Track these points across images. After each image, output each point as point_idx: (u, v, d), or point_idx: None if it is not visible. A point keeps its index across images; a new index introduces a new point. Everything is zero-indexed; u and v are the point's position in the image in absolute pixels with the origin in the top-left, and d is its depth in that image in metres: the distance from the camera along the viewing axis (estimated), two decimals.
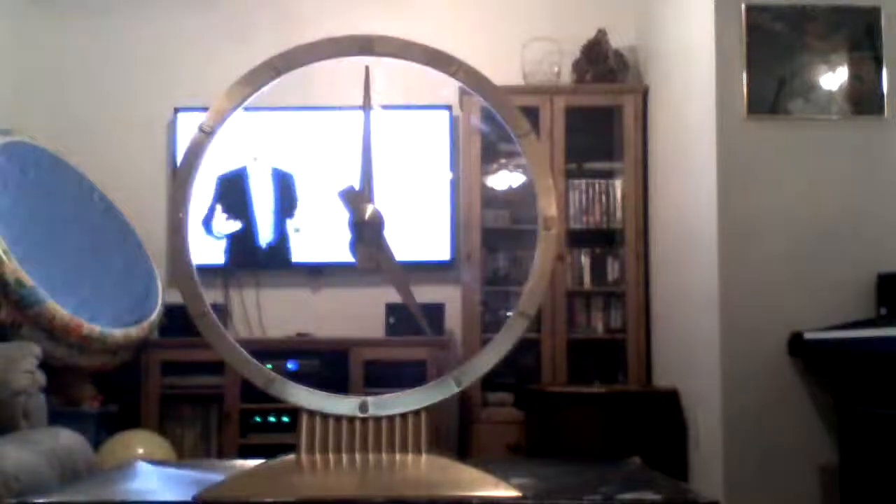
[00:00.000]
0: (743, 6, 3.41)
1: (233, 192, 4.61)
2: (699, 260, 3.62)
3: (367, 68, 1.81)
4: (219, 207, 4.59)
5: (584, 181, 4.52)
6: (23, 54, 4.78)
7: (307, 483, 1.67)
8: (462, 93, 4.47)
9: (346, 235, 1.80)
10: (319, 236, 4.57)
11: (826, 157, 3.40)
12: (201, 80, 4.27)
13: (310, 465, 1.68)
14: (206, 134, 1.75)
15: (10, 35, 4.72)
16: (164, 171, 4.69)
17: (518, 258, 4.55)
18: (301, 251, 4.63)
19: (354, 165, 1.85)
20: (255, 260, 4.66)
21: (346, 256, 1.81)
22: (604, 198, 4.52)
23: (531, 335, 4.26)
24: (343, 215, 1.82)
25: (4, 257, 3.44)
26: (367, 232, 1.76)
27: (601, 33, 4.54)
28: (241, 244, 4.63)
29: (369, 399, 1.73)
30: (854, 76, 3.40)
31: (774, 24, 3.40)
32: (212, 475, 1.72)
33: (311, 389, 1.74)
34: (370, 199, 1.79)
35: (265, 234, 4.65)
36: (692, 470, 3.68)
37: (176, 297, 1.99)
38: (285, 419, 4.14)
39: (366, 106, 1.85)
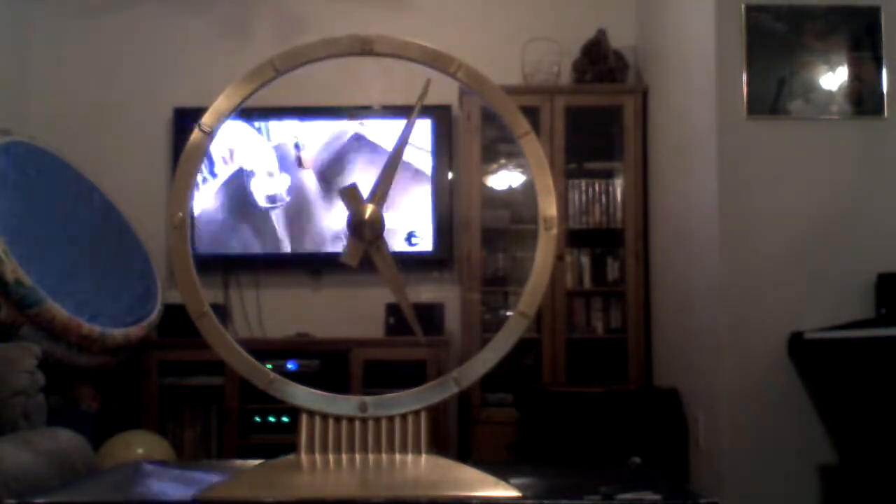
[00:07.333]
0: (743, 6, 3.41)
1: None
2: (699, 260, 3.62)
3: (427, 81, 1.78)
4: None
5: (584, 181, 4.52)
6: (23, 54, 4.78)
7: (307, 483, 1.67)
8: (462, 92, 4.47)
9: (346, 234, 1.80)
10: (320, 236, 4.58)
11: (826, 157, 3.40)
12: (201, 80, 4.27)
13: (310, 466, 1.68)
14: (206, 133, 1.75)
15: (10, 35, 4.72)
16: (164, 171, 4.69)
17: (518, 258, 4.55)
18: (301, 251, 4.63)
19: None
20: None
21: None
22: (604, 198, 4.51)
23: (531, 335, 4.27)
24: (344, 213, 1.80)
25: (4, 257, 3.44)
26: (366, 232, 1.75)
27: (601, 33, 4.54)
28: None
29: (369, 399, 1.72)
30: (854, 76, 3.40)
31: (774, 24, 3.40)
32: (212, 475, 1.71)
33: (311, 389, 1.73)
34: (380, 203, 1.77)
35: None
36: (692, 470, 3.68)
37: (176, 297, 1.99)
38: (285, 419, 4.15)
39: (414, 116, 1.82)
